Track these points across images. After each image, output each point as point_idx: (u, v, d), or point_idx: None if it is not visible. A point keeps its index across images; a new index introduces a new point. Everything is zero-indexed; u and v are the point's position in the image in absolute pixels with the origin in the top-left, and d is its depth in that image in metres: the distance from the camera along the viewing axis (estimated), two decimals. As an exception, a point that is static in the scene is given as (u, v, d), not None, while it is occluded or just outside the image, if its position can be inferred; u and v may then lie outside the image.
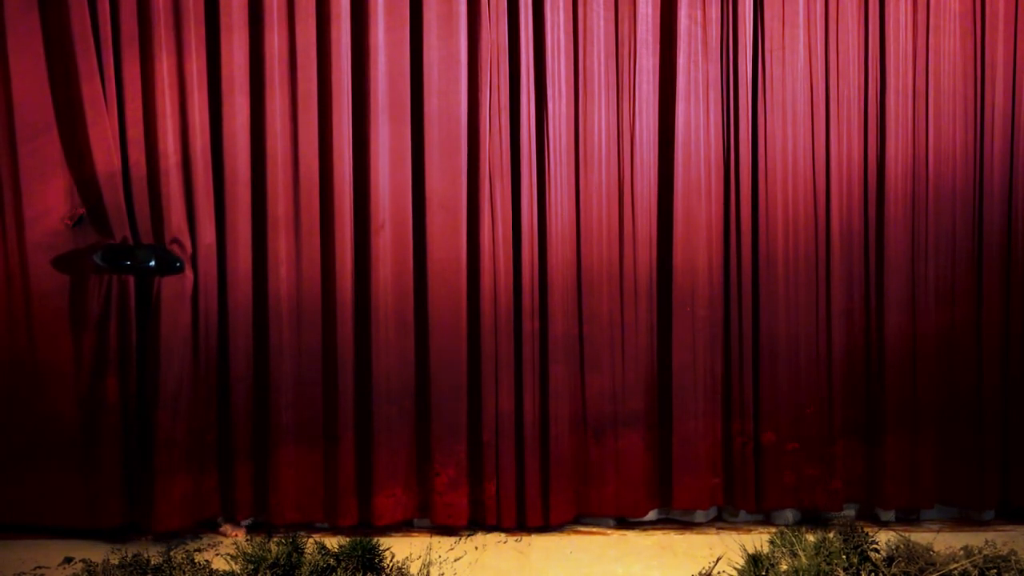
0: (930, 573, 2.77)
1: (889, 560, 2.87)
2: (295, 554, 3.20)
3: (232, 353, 3.85)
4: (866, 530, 3.15)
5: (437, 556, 3.67)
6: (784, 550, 3.04)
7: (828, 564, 2.80)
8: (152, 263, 3.71)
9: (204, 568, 3.31)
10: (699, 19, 3.91)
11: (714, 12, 3.90)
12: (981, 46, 3.94)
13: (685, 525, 4.08)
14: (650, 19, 3.90)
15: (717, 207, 3.96)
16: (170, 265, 3.73)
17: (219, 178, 3.80)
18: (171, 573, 3.19)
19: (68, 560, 3.62)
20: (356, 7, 3.80)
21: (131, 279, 3.72)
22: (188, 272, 3.76)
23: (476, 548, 3.79)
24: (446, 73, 3.84)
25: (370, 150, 3.82)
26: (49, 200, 3.72)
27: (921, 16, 3.92)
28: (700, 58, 3.91)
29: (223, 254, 3.82)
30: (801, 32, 3.91)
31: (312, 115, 3.80)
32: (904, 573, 2.79)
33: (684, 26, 3.89)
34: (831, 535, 3.07)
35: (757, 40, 3.92)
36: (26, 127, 3.69)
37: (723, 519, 4.12)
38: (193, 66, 3.71)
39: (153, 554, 3.35)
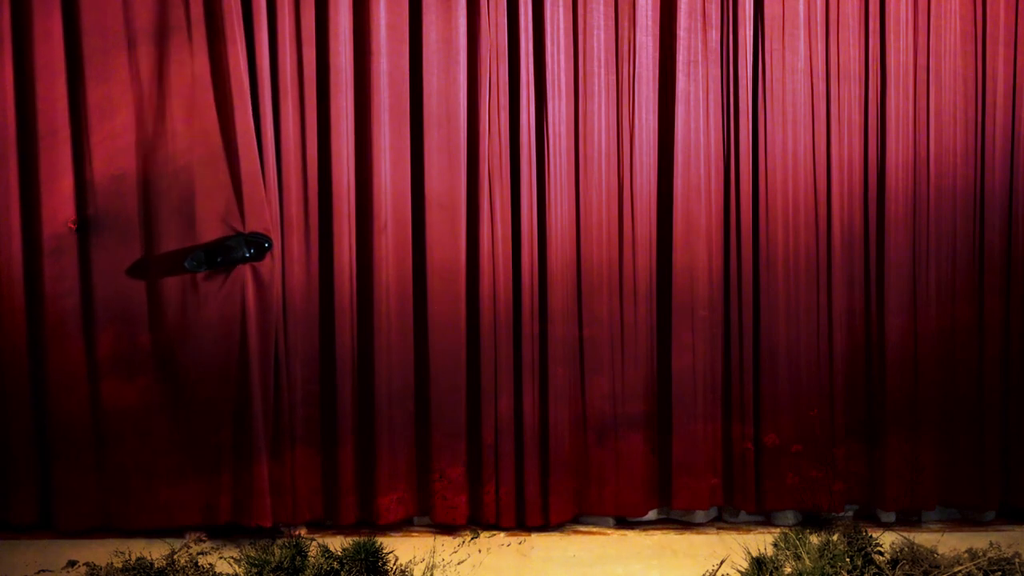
0: (935, 576, 2.79)
1: (893, 563, 2.88)
2: (298, 557, 3.21)
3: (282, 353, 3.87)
4: (869, 532, 3.16)
5: (440, 559, 3.67)
6: (788, 552, 3.05)
7: (832, 567, 2.81)
8: (245, 252, 3.71)
9: (208, 571, 3.32)
10: (699, 18, 3.89)
11: (714, 11, 3.89)
12: (982, 45, 3.93)
13: (685, 525, 4.08)
14: (650, 18, 3.89)
15: (717, 207, 3.95)
16: (260, 248, 3.73)
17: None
18: (174, 577, 3.21)
19: (72, 563, 3.62)
20: (357, 8, 3.79)
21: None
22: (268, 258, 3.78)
23: (480, 551, 3.80)
24: (445, 73, 3.83)
25: (372, 152, 3.80)
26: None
27: (922, 15, 3.91)
28: (700, 57, 3.90)
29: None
30: (801, 31, 3.89)
31: (315, 117, 3.79)
32: (908, 576, 2.80)
33: (684, 25, 3.88)
34: (835, 537, 3.08)
35: (757, 39, 3.91)
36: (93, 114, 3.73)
37: (723, 519, 4.12)
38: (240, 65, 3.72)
39: (157, 557, 3.35)
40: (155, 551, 3.48)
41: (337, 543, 3.36)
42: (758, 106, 3.92)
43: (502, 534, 3.94)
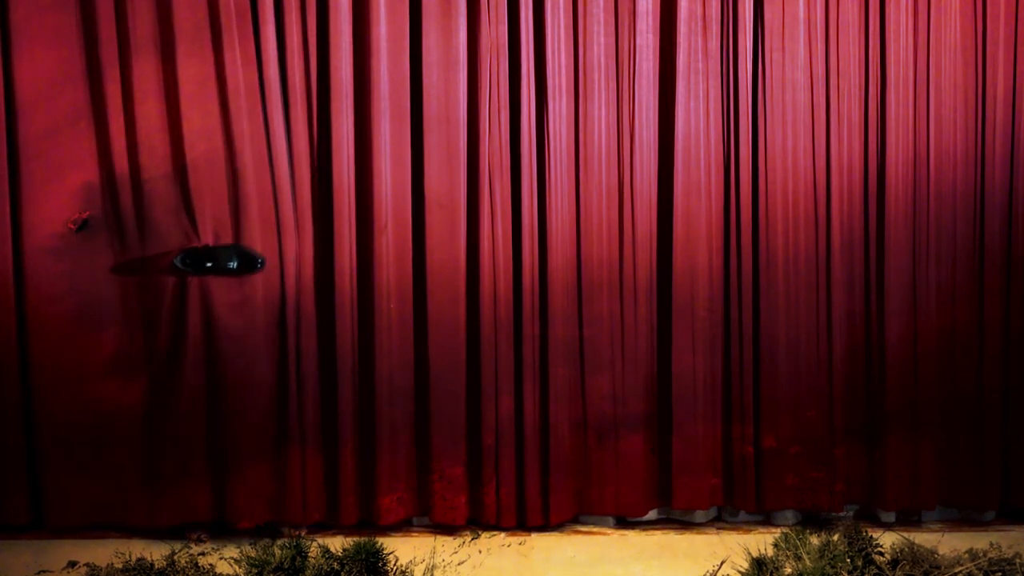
0: (935, 577, 2.79)
1: (894, 563, 2.88)
2: (299, 558, 3.20)
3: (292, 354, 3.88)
4: (869, 532, 3.16)
5: (440, 559, 3.67)
6: (788, 553, 3.04)
7: (832, 568, 2.81)
8: (233, 264, 3.72)
9: (208, 572, 3.31)
10: (699, 21, 3.90)
11: (714, 11, 3.89)
12: (982, 45, 3.93)
13: (685, 525, 4.09)
14: (650, 18, 3.89)
15: (717, 207, 3.95)
16: (251, 263, 3.74)
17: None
18: (174, 577, 3.20)
19: (72, 564, 3.62)
20: (357, 9, 3.79)
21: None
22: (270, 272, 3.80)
23: (480, 552, 3.80)
24: (445, 73, 3.82)
25: (372, 152, 3.81)
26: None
27: (922, 16, 3.91)
28: (700, 57, 3.90)
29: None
30: (801, 32, 3.90)
31: (316, 118, 3.79)
32: (909, 577, 2.80)
33: (684, 25, 3.88)
34: (835, 538, 3.08)
35: (757, 40, 3.91)
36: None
37: (723, 519, 4.13)
38: (240, 70, 3.73)
39: (157, 558, 3.35)
40: (155, 551, 3.48)
41: (337, 543, 3.35)
42: (758, 107, 3.92)
43: (502, 534, 3.95)
